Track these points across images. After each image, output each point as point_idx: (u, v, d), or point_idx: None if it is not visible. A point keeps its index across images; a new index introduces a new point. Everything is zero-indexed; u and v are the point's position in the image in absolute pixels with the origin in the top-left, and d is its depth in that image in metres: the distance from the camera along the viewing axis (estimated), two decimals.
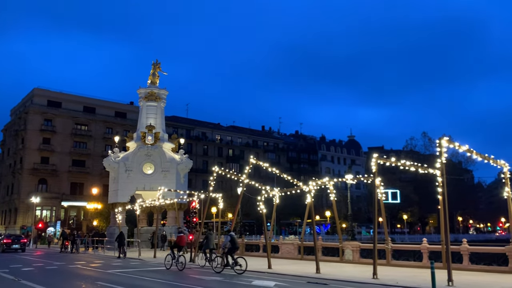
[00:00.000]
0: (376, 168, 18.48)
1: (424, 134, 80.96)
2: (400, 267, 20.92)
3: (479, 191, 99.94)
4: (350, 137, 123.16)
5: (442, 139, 16.00)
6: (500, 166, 18.83)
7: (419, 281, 15.47)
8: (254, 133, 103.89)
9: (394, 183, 64.18)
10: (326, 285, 15.37)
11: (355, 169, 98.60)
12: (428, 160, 51.87)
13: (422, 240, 21.89)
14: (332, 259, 24.80)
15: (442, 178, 15.85)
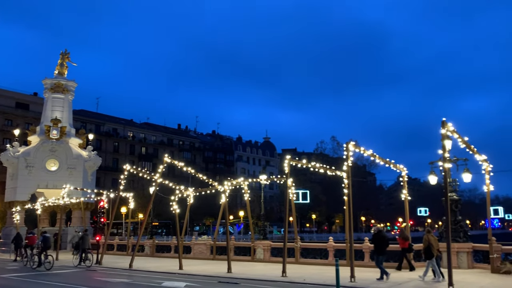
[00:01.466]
0: (288, 169, 19.06)
1: (333, 138, 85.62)
2: (308, 264, 21.78)
3: (381, 193, 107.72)
4: (266, 138, 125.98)
5: (349, 143, 16.94)
6: (399, 170, 20.47)
7: (325, 278, 16.22)
8: (169, 131, 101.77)
9: (305, 184, 66.83)
10: (237, 284, 15.49)
11: (269, 170, 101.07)
12: (336, 162, 54.69)
13: (329, 239, 23.02)
14: (244, 259, 25.10)
15: (348, 180, 16.78)
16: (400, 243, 18.78)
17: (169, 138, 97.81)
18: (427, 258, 15.41)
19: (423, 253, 15.81)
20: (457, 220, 19.57)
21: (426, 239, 15.58)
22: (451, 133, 15.60)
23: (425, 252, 15.46)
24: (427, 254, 15.34)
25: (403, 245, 18.52)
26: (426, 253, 15.39)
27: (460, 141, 16.54)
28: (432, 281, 15.07)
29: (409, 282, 15.09)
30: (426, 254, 15.39)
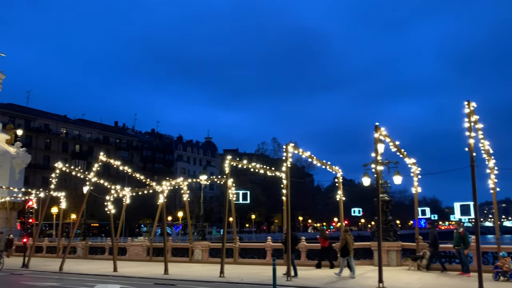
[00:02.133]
0: (229, 170, 19.05)
1: (274, 139, 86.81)
2: (246, 264, 21.89)
3: (318, 193, 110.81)
4: (207, 138, 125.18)
5: (289, 145, 17.26)
6: (335, 172, 21.17)
7: (262, 277, 16.39)
8: (105, 128, 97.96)
9: (245, 185, 67.13)
10: (173, 286, 15.23)
11: (210, 170, 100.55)
12: (276, 163, 55.46)
13: (267, 238, 23.29)
14: (182, 260, 24.75)
15: (287, 180, 17.08)
16: (321, 242, 19.54)
17: (105, 136, 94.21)
18: (343, 256, 16.35)
19: (339, 251, 16.70)
20: (387, 220, 20.54)
21: (343, 237, 16.55)
22: (384, 137, 16.38)
23: (342, 250, 16.44)
24: (344, 252, 16.33)
25: (323, 244, 19.29)
26: (343, 251, 16.39)
27: (392, 145, 17.41)
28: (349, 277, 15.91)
29: (341, 279, 15.62)
30: (343, 252, 16.39)
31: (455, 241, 16.65)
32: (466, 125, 13.48)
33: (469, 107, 13.57)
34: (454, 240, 16.68)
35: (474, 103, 13.68)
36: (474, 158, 13.16)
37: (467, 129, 13.40)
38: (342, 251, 16.48)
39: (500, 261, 14.84)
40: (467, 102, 13.62)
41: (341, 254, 16.61)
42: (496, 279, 14.42)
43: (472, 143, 13.26)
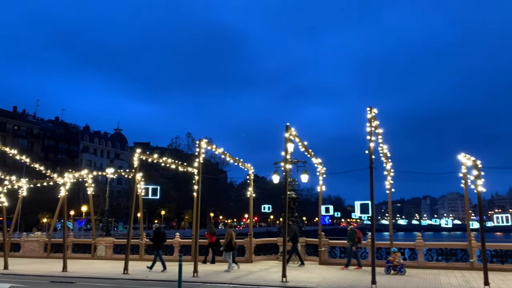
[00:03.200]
0: (138, 164, 18.43)
1: (188, 134, 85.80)
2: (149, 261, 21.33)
3: (230, 190, 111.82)
4: (117, 130, 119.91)
5: (202, 140, 17.16)
6: (247, 169, 21.49)
7: (168, 274, 16.13)
8: (2, 113, 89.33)
9: (156, 179, 65.53)
10: (72, 284, 14.37)
11: (118, 164, 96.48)
12: (190, 159, 54.88)
13: (175, 235, 22.95)
14: (83, 256, 23.46)
15: (198, 176, 16.97)
16: (208, 238, 19.86)
17: (2, 122, 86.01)
18: (227, 251, 16.93)
19: (224, 246, 17.20)
20: (294, 216, 21.34)
21: (229, 233, 17.20)
22: (293, 137, 16.98)
23: (227, 246, 17.00)
24: (228, 247, 16.93)
25: (210, 239, 19.64)
26: (227, 246, 16.97)
27: (301, 145, 18.11)
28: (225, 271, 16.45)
29: (248, 274, 15.92)
30: (227, 247, 16.97)
31: (347, 238, 17.92)
32: (367, 129, 14.45)
33: (371, 113, 14.57)
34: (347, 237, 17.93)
35: (375, 109, 14.71)
36: (373, 161, 14.15)
37: (368, 133, 14.38)
38: (227, 246, 17.05)
39: (392, 256, 16.17)
40: (369, 108, 14.61)
41: (225, 249, 17.13)
42: (388, 273, 15.69)
43: (372, 147, 14.25)
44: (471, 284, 13.42)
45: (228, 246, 16.98)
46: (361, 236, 17.91)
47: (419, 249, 18.13)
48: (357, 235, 17.59)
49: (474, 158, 14.15)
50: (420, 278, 14.81)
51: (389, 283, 13.49)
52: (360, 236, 17.81)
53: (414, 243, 18.36)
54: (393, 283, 13.63)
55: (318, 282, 13.89)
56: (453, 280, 14.33)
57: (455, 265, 17.30)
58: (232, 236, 17.15)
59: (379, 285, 12.87)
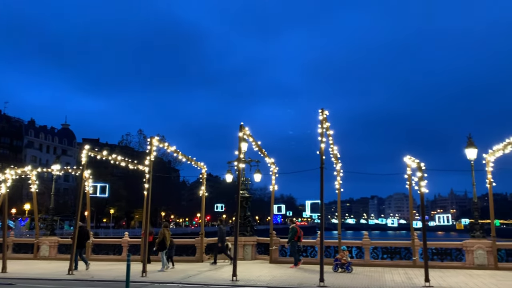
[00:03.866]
0: (85, 160, 17.81)
1: (140, 131, 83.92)
2: (100, 261, 20.70)
3: (183, 189, 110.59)
4: (65, 125, 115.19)
5: (154, 138, 16.85)
6: (200, 168, 21.34)
7: (116, 273, 15.72)
8: None
9: (105, 177, 63.56)
10: (11, 285, 13.67)
11: (66, 160, 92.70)
12: (141, 157, 53.67)
13: (124, 234, 22.40)
14: (25, 257, 22.36)
15: (149, 174, 16.66)
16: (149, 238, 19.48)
17: None
18: (160, 250, 16.94)
19: (157, 245, 17.18)
20: (246, 215, 21.45)
21: (162, 232, 17.18)
22: (247, 136, 17.07)
23: (159, 244, 17.02)
24: (161, 246, 16.97)
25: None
26: (160, 245, 16.99)
27: (254, 145, 18.23)
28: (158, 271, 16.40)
29: (198, 274, 15.82)
30: (160, 246, 17.00)
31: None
32: (319, 130, 14.78)
33: (322, 115, 14.91)
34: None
35: (326, 111, 15.07)
36: (323, 161, 14.49)
37: (320, 134, 14.70)
38: (160, 245, 17.03)
39: (340, 254, 16.63)
40: (321, 110, 14.94)
41: (158, 248, 17.11)
42: (336, 271, 16.12)
43: (323, 147, 14.59)
44: (413, 281, 14.04)
45: (161, 245, 17.00)
46: (301, 234, 18.30)
47: (365, 247, 18.75)
48: (297, 233, 17.99)
49: (418, 161, 14.83)
50: (366, 275, 15.32)
51: (336, 281, 13.85)
52: (300, 235, 18.18)
53: (361, 241, 18.96)
54: (340, 280, 14.02)
55: (268, 280, 14.04)
56: (397, 277, 14.94)
57: (399, 263, 18.04)
58: (165, 235, 17.11)
59: (327, 282, 13.19)
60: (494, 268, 16.80)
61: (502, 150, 15.93)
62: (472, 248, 17.41)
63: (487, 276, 15.11)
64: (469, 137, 18.53)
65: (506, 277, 14.79)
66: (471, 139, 18.44)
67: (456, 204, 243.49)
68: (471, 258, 17.37)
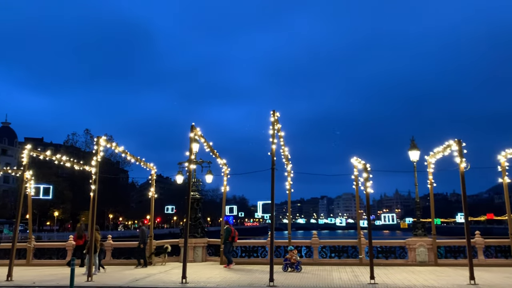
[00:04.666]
0: (27, 161, 16.96)
1: (87, 131, 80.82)
2: (43, 266, 19.80)
3: (132, 190, 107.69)
4: (5, 123, 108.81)
5: (100, 138, 16.30)
6: (149, 169, 20.90)
7: (59, 278, 15.05)
8: None
9: (49, 178, 60.76)
10: None
11: (6, 160, 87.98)
12: (88, 157, 51.83)
13: (69, 237, 21.52)
14: None
15: (96, 175, 16.10)
16: (75, 241, 19.00)
17: None
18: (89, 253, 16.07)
19: (87, 248, 16.72)
20: (197, 217, 21.24)
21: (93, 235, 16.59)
22: (199, 137, 16.92)
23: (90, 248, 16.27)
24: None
25: (78, 242, 18.82)
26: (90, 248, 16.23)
27: (206, 145, 18.11)
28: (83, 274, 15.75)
29: (146, 276, 15.48)
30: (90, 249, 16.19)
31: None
32: (270, 132, 14.93)
33: (274, 116, 15.08)
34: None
35: (278, 113, 15.26)
36: (274, 162, 14.65)
37: (271, 136, 14.86)
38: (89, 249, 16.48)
39: (289, 254, 16.86)
40: (273, 112, 15.11)
41: (88, 251, 16.53)
42: (285, 270, 16.33)
43: (274, 149, 14.75)
44: (359, 278, 14.49)
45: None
46: (236, 235, 18.51)
47: (314, 246, 19.16)
48: (231, 234, 18.20)
49: (364, 162, 15.34)
50: (314, 274, 15.63)
51: (286, 281, 14.03)
52: (234, 235, 18.39)
53: (310, 241, 19.35)
54: (290, 280, 14.21)
55: (218, 282, 13.98)
56: (344, 275, 15.36)
57: (346, 261, 18.57)
58: (96, 238, 16.58)
59: (277, 282, 13.33)
60: (435, 265, 17.71)
61: (442, 153, 16.79)
62: (414, 246, 18.25)
63: (428, 272, 15.88)
64: (412, 139, 19.43)
65: (445, 273, 15.62)
66: (414, 141, 19.35)
67: (401, 204, 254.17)
68: (413, 256, 18.20)
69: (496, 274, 15.20)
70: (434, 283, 13.40)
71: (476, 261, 16.84)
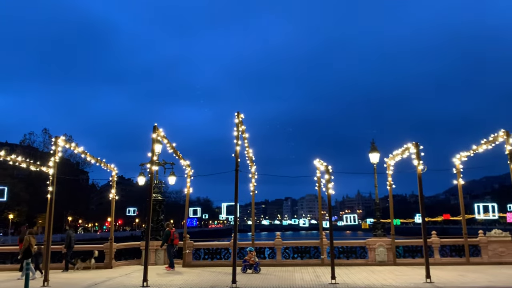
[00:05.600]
0: None
1: (45, 130, 78.06)
2: None
3: (92, 192, 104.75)
4: None
5: (59, 138, 15.78)
6: (110, 170, 20.39)
7: (12, 284, 14.44)
8: None
9: (4, 179, 58.20)
10: None
11: None
12: (46, 157, 50.01)
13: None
14: None
15: (53, 177, 15.56)
16: (20, 245, 18.41)
17: None
18: (25, 258, 15.65)
19: (21, 253, 16.37)
20: (159, 219, 20.93)
21: (27, 239, 16.36)
22: (162, 138, 16.67)
23: (25, 252, 16.14)
24: (26, 254, 16.03)
25: (21, 246, 18.22)
26: (25, 252, 16.10)
27: (169, 146, 17.85)
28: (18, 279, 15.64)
29: (107, 280, 15.10)
30: (26, 253, 16.07)
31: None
32: (234, 133, 14.91)
33: (238, 118, 15.08)
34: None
35: (242, 115, 15.27)
36: (239, 163, 14.64)
37: (235, 137, 14.84)
38: (25, 253, 16.14)
39: (248, 255, 16.88)
40: (237, 113, 15.10)
41: (23, 256, 16.15)
42: (244, 272, 16.35)
43: (238, 150, 14.74)
44: (320, 279, 14.70)
45: (27, 253, 15.96)
46: (174, 237, 18.42)
47: (277, 248, 19.27)
48: (170, 236, 18.23)
49: (326, 164, 15.58)
50: (277, 275, 15.72)
51: (248, 282, 14.03)
52: (173, 237, 18.33)
53: (273, 242, 19.45)
54: (252, 281, 14.22)
55: (180, 285, 13.81)
56: (306, 276, 15.53)
57: (308, 262, 18.79)
58: (31, 242, 16.20)
59: (239, 284, 13.31)
60: (393, 264, 18.21)
61: (401, 155, 17.31)
62: (374, 246, 18.70)
63: (387, 271, 16.31)
64: (372, 142, 19.92)
65: (403, 272, 16.09)
66: (374, 144, 19.84)
67: (362, 205, 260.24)
68: (373, 255, 18.64)
69: (450, 272, 15.79)
70: (392, 282, 13.77)
71: (432, 260, 17.47)
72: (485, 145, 17.11)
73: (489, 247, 18.51)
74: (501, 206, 59.65)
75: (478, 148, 17.60)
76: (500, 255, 18.32)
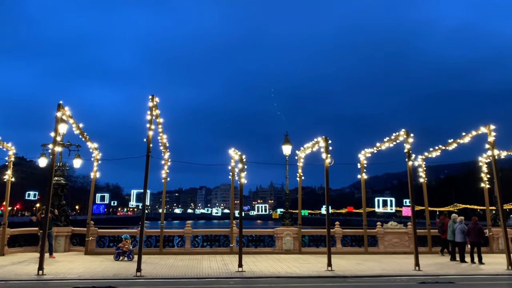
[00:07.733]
0: None
1: None
2: None
3: None
4: None
5: None
6: (6, 149, 18.61)
7: None
8: None
9: None
10: None
11: None
12: None
13: None
14: None
15: None
16: None
17: None
18: None
19: None
20: (61, 204, 19.62)
21: None
22: (67, 117, 15.57)
23: None
24: None
25: None
26: None
27: (75, 127, 16.74)
28: None
29: None
30: None
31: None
32: (148, 117, 14.36)
33: (153, 101, 14.54)
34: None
35: (157, 98, 14.75)
36: (150, 149, 14.14)
37: (148, 121, 14.30)
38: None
39: (122, 243, 16.51)
40: (151, 97, 14.55)
41: None
42: (117, 259, 16.07)
43: (150, 135, 14.23)
44: (228, 267, 14.79)
45: None
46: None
47: (187, 236, 19.07)
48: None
49: (240, 153, 15.65)
50: (184, 264, 15.53)
51: (154, 270, 13.69)
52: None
53: (183, 230, 19.21)
54: (158, 270, 13.91)
55: (80, 273, 13.05)
56: (214, 264, 15.54)
57: (217, 250, 18.85)
58: None
59: (144, 272, 12.94)
60: (299, 253, 18.93)
61: (311, 148, 17.95)
62: (281, 235, 19.27)
63: (292, 260, 16.90)
64: (286, 134, 20.43)
65: (307, 260, 16.77)
66: (287, 136, 20.37)
67: (274, 196, 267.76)
68: (280, 244, 19.22)
69: (350, 261, 16.79)
70: (296, 270, 14.29)
71: (334, 249, 18.46)
72: (387, 143, 18.30)
73: (385, 238, 20.00)
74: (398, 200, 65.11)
75: (381, 145, 18.81)
76: (394, 245, 19.89)
